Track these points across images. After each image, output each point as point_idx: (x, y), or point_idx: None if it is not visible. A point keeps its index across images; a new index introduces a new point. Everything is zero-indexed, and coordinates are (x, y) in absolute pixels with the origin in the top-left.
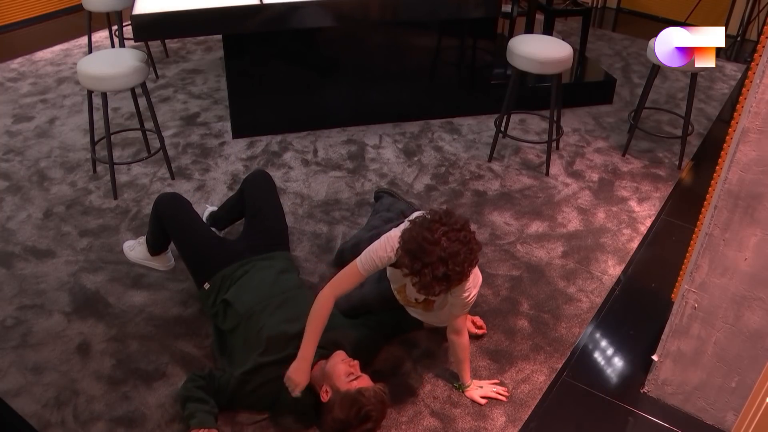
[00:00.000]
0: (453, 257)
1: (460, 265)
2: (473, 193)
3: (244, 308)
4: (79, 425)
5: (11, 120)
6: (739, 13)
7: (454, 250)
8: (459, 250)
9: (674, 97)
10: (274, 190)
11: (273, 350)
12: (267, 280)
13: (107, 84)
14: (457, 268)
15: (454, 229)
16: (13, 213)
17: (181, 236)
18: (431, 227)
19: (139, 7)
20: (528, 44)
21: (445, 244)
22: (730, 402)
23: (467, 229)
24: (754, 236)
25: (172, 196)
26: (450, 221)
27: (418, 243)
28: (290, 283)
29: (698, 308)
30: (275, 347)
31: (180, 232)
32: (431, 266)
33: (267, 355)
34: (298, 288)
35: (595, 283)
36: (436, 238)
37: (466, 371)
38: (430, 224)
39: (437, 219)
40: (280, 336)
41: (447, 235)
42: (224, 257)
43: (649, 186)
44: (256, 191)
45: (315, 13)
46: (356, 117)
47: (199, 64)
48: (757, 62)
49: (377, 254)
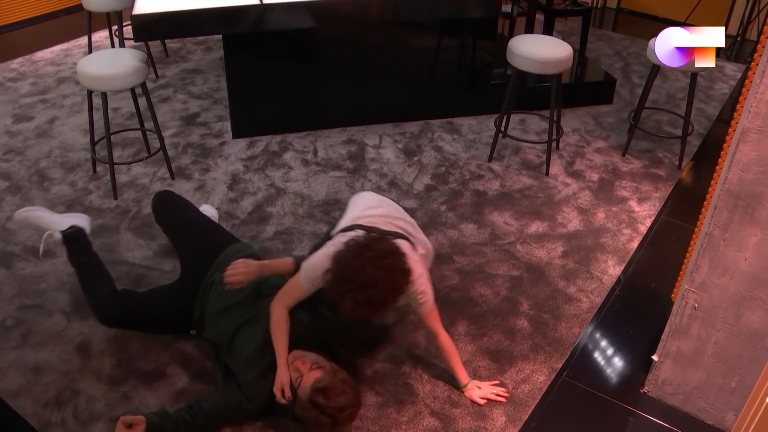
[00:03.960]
0: (375, 285)
1: (381, 293)
2: (473, 193)
3: (221, 339)
4: (79, 425)
5: (11, 120)
6: (739, 13)
7: (376, 277)
8: (380, 278)
9: (674, 97)
10: (180, 206)
11: (252, 367)
12: (228, 302)
13: (107, 84)
14: (378, 295)
15: (379, 257)
16: (13, 213)
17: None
18: (358, 253)
19: (139, 7)
20: (528, 44)
21: (369, 270)
22: (730, 402)
23: (394, 256)
24: (754, 236)
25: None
26: (378, 247)
27: (342, 268)
28: (246, 293)
29: (698, 308)
30: (253, 363)
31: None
32: (353, 292)
33: (249, 372)
34: (256, 294)
35: (595, 283)
36: (360, 264)
37: (459, 371)
38: (358, 250)
39: (365, 244)
40: (254, 352)
41: (373, 262)
42: (185, 298)
43: (649, 186)
44: (168, 220)
45: (315, 13)
46: (356, 117)
47: (199, 64)
48: (757, 62)
49: (315, 272)
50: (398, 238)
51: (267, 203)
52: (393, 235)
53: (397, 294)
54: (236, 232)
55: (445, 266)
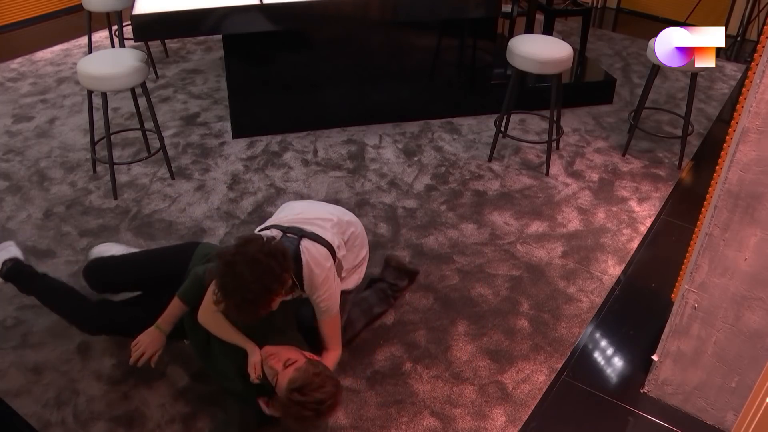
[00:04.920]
0: (244, 286)
1: (251, 291)
2: (473, 193)
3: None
4: (79, 425)
5: (11, 120)
6: (739, 13)
7: (244, 279)
8: (248, 279)
9: (674, 97)
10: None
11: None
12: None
13: (107, 84)
14: (249, 295)
15: (245, 254)
16: (13, 213)
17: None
18: (224, 255)
19: (139, 7)
20: (528, 44)
21: (238, 270)
22: (730, 402)
23: (266, 255)
24: (754, 236)
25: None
26: (243, 247)
27: (218, 271)
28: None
29: (698, 308)
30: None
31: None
32: (227, 296)
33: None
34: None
35: (595, 283)
36: (228, 261)
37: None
38: (225, 253)
39: (234, 246)
40: (229, 359)
41: (241, 262)
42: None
43: (649, 186)
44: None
45: (315, 13)
46: (356, 117)
47: (199, 64)
48: (757, 62)
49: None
50: (303, 237)
51: (267, 203)
52: (295, 231)
53: (272, 288)
54: (236, 232)
55: (445, 266)
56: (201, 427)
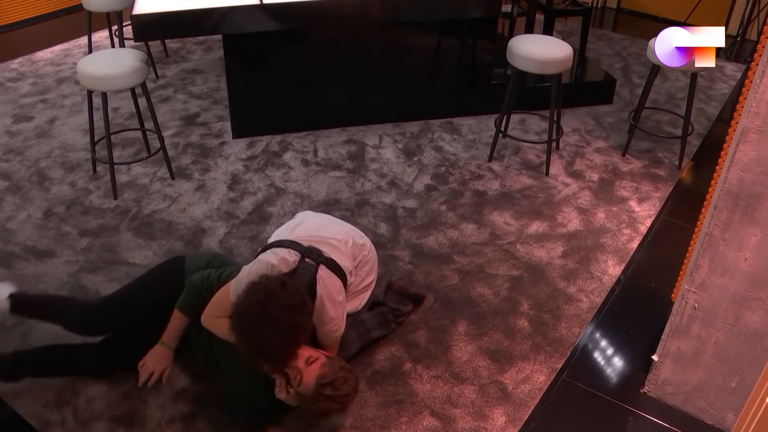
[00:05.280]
0: (266, 345)
1: (280, 350)
2: (473, 193)
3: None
4: (79, 425)
5: (11, 120)
6: (739, 13)
7: (267, 338)
8: (270, 339)
9: (674, 97)
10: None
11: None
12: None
13: (107, 84)
14: (277, 354)
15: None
16: (13, 213)
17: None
18: (245, 313)
19: (139, 7)
20: (528, 44)
21: (264, 332)
22: (730, 402)
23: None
24: (754, 236)
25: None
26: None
27: (241, 331)
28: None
29: (698, 308)
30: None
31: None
32: (256, 354)
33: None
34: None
35: (595, 283)
36: (252, 324)
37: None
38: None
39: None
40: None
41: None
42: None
43: (649, 186)
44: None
45: (315, 13)
46: (356, 117)
47: (199, 64)
48: (757, 62)
49: (242, 287)
50: (321, 264)
51: (267, 203)
52: (313, 256)
53: (293, 349)
54: (236, 232)
55: (445, 266)
56: (201, 427)
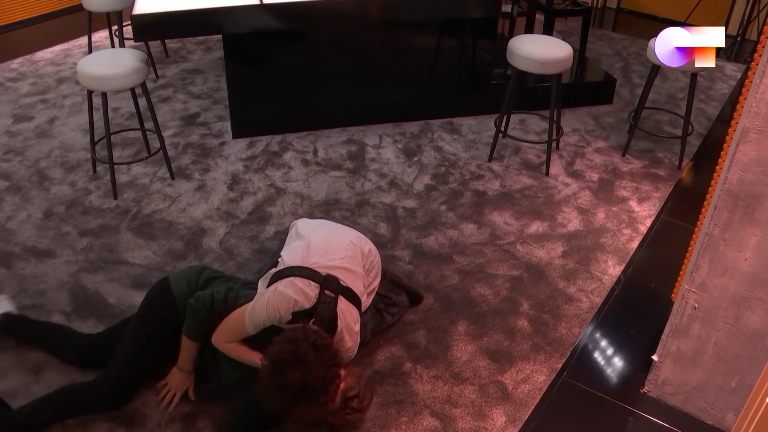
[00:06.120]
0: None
1: (319, 405)
2: (473, 193)
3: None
4: (80, 425)
5: (11, 120)
6: (739, 13)
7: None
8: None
9: (674, 97)
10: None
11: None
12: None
13: (107, 84)
14: (318, 410)
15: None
16: (13, 213)
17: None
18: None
19: (139, 7)
20: (528, 44)
21: (302, 394)
22: (730, 402)
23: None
24: (754, 236)
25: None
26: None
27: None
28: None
29: (698, 308)
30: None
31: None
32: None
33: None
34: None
35: (595, 283)
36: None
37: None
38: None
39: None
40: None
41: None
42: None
43: (649, 186)
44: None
45: (315, 13)
46: (356, 117)
47: (199, 64)
48: (757, 62)
49: (260, 319)
50: (339, 296)
51: (267, 203)
52: (332, 287)
53: (332, 398)
54: (236, 232)
55: (445, 266)
56: (201, 427)
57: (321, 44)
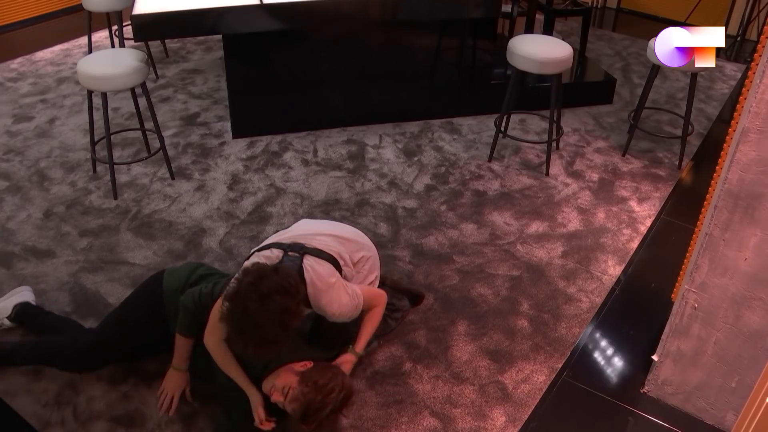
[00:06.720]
0: (260, 328)
1: (271, 333)
2: (473, 193)
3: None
4: (79, 425)
5: (11, 120)
6: (739, 13)
7: (259, 322)
8: (264, 322)
9: (674, 97)
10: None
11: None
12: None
13: (107, 84)
14: (269, 337)
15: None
16: (13, 213)
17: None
18: (237, 297)
19: (139, 7)
20: (528, 44)
21: (255, 316)
22: (730, 402)
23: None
24: (754, 236)
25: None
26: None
27: (232, 316)
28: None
29: (698, 308)
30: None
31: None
32: (244, 336)
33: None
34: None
35: (595, 283)
36: (243, 306)
37: (361, 339)
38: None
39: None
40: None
41: (257, 305)
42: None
43: (649, 186)
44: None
45: (315, 13)
46: (356, 117)
47: (199, 64)
48: (757, 62)
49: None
50: (306, 254)
51: (267, 203)
52: (297, 249)
53: (285, 333)
54: (236, 232)
55: (445, 266)
56: (201, 427)
57: (321, 44)
